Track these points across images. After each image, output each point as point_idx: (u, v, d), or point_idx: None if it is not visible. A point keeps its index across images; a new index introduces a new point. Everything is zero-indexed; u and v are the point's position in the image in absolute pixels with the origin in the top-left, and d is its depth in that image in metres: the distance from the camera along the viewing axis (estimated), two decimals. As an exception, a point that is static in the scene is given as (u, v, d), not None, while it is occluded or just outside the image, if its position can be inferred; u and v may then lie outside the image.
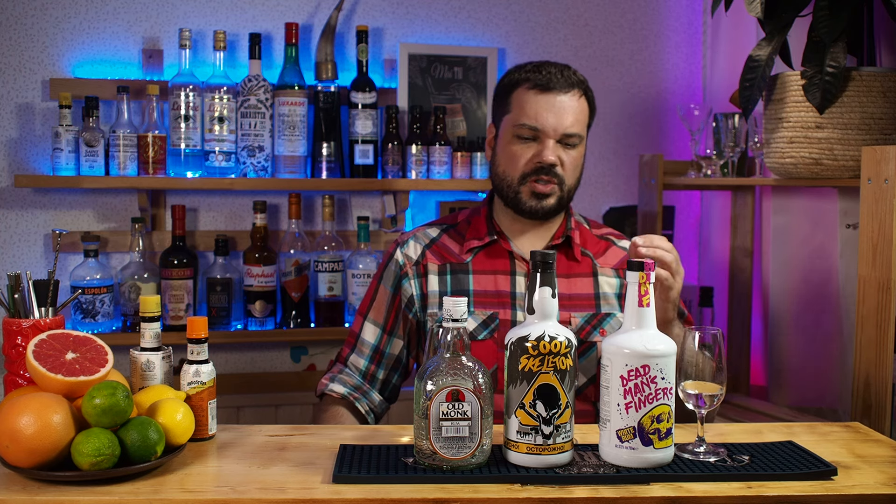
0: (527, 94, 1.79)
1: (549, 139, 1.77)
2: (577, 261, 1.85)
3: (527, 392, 1.32)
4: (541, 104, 1.77)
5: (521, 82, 1.81)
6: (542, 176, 1.77)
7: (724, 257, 2.79)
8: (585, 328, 1.80)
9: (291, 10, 2.64)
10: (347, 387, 1.83)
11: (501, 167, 1.83)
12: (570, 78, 1.80)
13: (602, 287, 1.84)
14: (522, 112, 1.78)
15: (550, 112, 1.77)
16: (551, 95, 1.77)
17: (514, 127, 1.80)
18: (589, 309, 1.81)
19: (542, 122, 1.77)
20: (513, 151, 1.80)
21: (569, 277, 1.83)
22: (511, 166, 1.81)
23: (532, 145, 1.79)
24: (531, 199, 1.80)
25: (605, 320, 1.81)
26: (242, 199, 2.65)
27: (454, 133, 2.67)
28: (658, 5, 2.87)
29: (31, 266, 2.52)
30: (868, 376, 1.75)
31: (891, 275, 1.70)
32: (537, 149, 1.78)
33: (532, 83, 1.79)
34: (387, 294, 1.88)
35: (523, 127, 1.78)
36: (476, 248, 1.86)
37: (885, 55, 2.20)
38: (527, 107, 1.78)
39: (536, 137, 1.78)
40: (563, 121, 1.77)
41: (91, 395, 1.28)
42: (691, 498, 1.25)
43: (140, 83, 2.52)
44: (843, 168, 2.00)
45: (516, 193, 1.80)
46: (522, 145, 1.79)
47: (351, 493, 1.24)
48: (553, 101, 1.77)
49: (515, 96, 1.81)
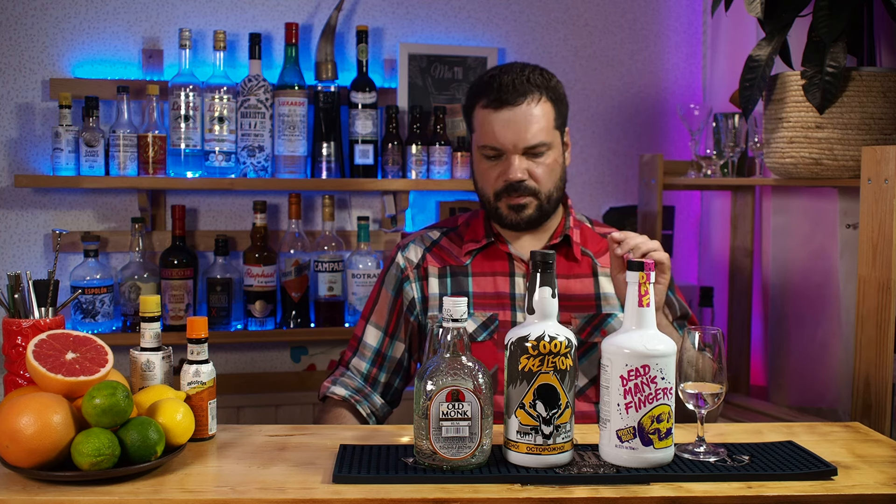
0: (483, 113, 1.77)
1: (513, 155, 1.75)
2: (576, 260, 1.84)
3: (527, 392, 1.32)
4: (497, 122, 1.74)
5: (478, 100, 1.78)
6: (513, 193, 1.76)
7: (724, 257, 2.78)
8: (586, 329, 1.79)
9: (291, 10, 2.64)
10: (349, 389, 1.83)
11: (479, 184, 1.83)
12: (522, 86, 1.73)
13: (603, 287, 1.82)
14: (483, 132, 1.77)
15: (508, 129, 1.73)
16: (506, 111, 1.73)
17: (479, 148, 1.79)
18: (589, 310, 1.81)
19: (501, 141, 1.74)
20: (483, 171, 1.80)
21: (568, 278, 1.82)
22: (485, 185, 1.81)
23: (498, 163, 1.77)
24: (510, 212, 1.79)
25: (607, 321, 1.80)
26: (242, 199, 2.65)
27: (454, 133, 2.67)
28: (658, 5, 2.87)
29: (31, 266, 2.52)
30: (868, 376, 1.75)
31: (891, 275, 1.70)
32: (503, 167, 1.76)
33: (486, 100, 1.76)
34: (388, 297, 1.88)
35: (485, 148, 1.77)
36: (474, 250, 1.85)
37: (885, 55, 2.20)
38: (486, 126, 1.76)
39: (500, 155, 1.76)
40: (523, 134, 1.73)
41: (91, 395, 1.28)
42: (691, 498, 1.25)
43: (140, 83, 2.52)
44: (843, 168, 2.00)
45: (496, 209, 1.80)
46: (490, 164, 1.78)
47: (351, 493, 1.24)
48: (509, 117, 1.73)
49: (476, 116, 1.79)
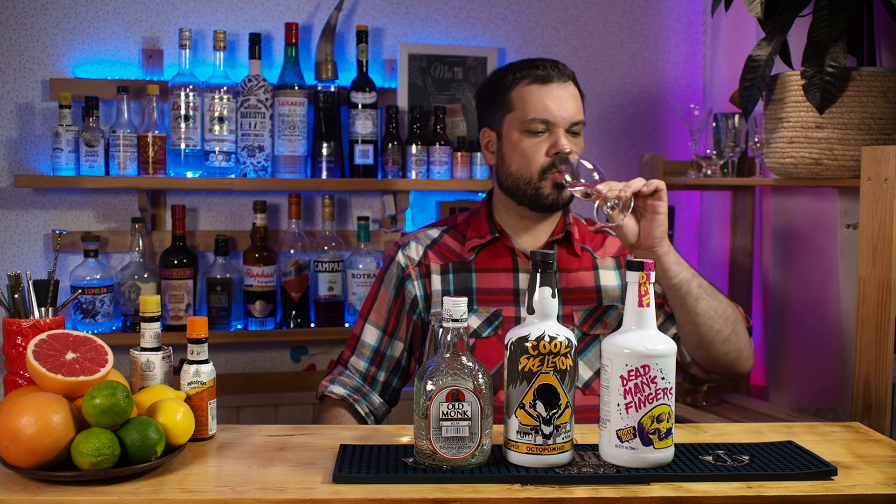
0: (529, 89, 1.80)
1: (559, 129, 1.78)
2: (577, 255, 1.86)
3: (527, 392, 1.32)
4: (546, 96, 1.79)
5: (518, 80, 1.81)
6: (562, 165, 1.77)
7: (724, 257, 2.78)
8: (588, 321, 1.81)
9: (291, 10, 2.64)
10: (347, 388, 1.83)
11: (515, 166, 1.81)
12: (563, 70, 1.83)
13: (603, 280, 1.85)
14: (530, 107, 1.79)
15: (557, 102, 1.78)
16: (553, 87, 1.79)
17: (522, 123, 1.79)
18: (591, 302, 1.83)
19: (552, 113, 1.78)
20: (526, 148, 1.79)
21: (570, 272, 1.84)
22: (527, 163, 1.80)
23: (545, 138, 1.79)
24: (553, 191, 1.80)
25: (608, 313, 1.83)
26: (242, 199, 2.65)
27: (454, 133, 2.67)
28: (658, 5, 2.87)
29: (31, 266, 2.52)
30: (868, 376, 1.75)
31: (891, 275, 1.70)
32: (551, 140, 1.78)
33: (531, 78, 1.80)
34: (388, 296, 1.88)
35: (534, 121, 1.78)
36: (478, 246, 1.86)
37: (885, 55, 2.20)
38: (533, 100, 1.79)
39: (547, 130, 1.79)
40: (570, 109, 1.79)
41: (91, 395, 1.28)
42: (691, 498, 1.25)
43: (140, 83, 2.52)
44: (843, 168, 2.00)
45: (537, 189, 1.80)
46: (535, 140, 1.79)
47: (351, 493, 1.24)
48: (556, 92, 1.79)
49: (516, 93, 1.81)
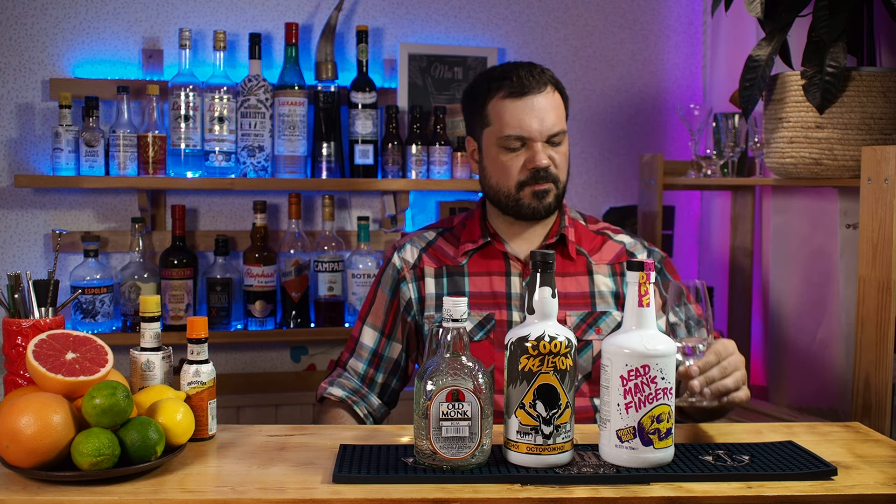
0: (503, 104, 1.77)
1: (536, 143, 1.76)
2: (571, 259, 1.85)
3: (527, 392, 1.32)
4: (520, 110, 1.75)
5: (494, 91, 1.78)
6: (540, 180, 1.77)
7: (724, 257, 2.78)
8: (581, 326, 1.80)
9: (291, 10, 2.64)
10: (346, 390, 1.83)
11: (494, 179, 1.81)
12: (539, 76, 1.78)
13: (597, 285, 1.84)
14: (504, 123, 1.76)
15: (532, 116, 1.75)
16: (528, 99, 1.75)
17: (498, 139, 1.78)
18: (584, 307, 1.82)
19: (526, 129, 1.75)
20: (503, 163, 1.78)
21: (564, 276, 1.83)
22: (504, 177, 1.79)
23: (521, 153, 1.77)
24: (532, 200, 1.78)
25: (601, 318, 1.81)
26: (242, 199, 2.65)
27: (454, 133, 2.67)
28: (658, 5, 2.87)
29: (31, 266, 2.52)
30: (868, 376, 1.75)
31: (891, 275, 1.70)
32: (528, 155, 1.76)
33: (505, 91, 1.77)
34: (385, 298, 1.88)
35: (509, 138, 1.76)
36: (471, 250, 1.85)
37: (885, 55, 2.20)
38: (507, 116, 1.76)
39: (524, 144, 1.77)
40: (546, 122, 1.76)
41: (91, 395, 1.28)
42: (691, 498, 1.25)
43: (140, 83, 2.52)
44: (843, 168, 2.00)
45: (517, 201, 1.79)
46: (511, 155, 1.77)
47: (351, 493, 1.24)
48: (532, 105, 1.75)
49: (492, 107, 1.79)
